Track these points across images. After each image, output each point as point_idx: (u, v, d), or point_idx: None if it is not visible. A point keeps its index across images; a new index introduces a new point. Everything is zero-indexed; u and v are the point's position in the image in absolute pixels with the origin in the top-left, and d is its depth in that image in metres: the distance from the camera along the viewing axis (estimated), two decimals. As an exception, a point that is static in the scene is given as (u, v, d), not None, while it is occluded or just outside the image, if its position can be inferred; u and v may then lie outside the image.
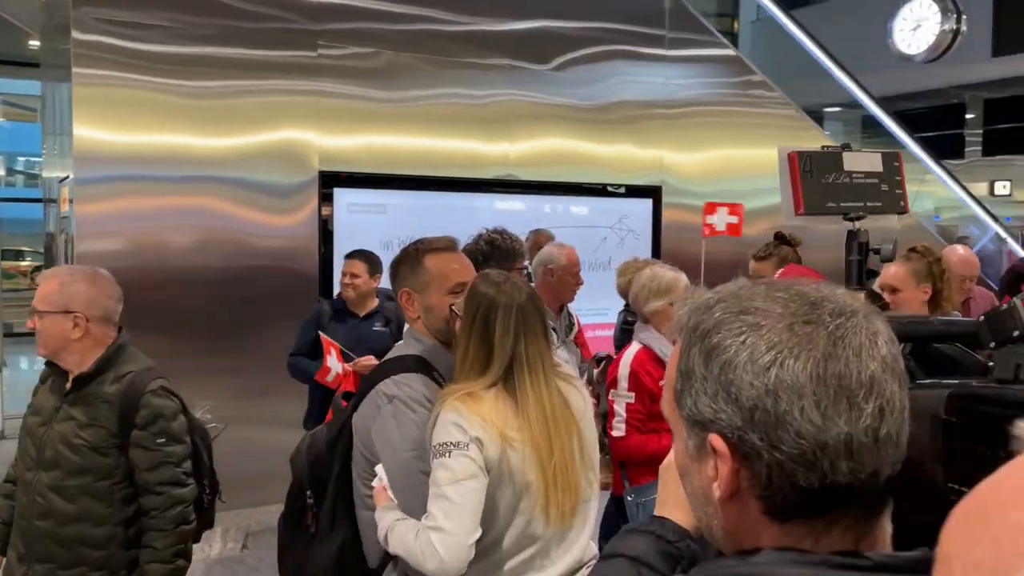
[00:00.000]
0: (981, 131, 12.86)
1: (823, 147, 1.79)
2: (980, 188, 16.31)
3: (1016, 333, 0.85)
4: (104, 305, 2.07)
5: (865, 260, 1.49)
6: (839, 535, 0.70)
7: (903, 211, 1.48)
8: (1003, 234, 8.54)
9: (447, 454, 1.65)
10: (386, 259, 4.97)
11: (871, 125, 14.12)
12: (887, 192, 1.65)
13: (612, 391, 3.04)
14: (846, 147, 1.73)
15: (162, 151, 4.49)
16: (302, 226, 4.89)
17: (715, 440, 0.70)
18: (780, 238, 4.25)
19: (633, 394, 2.96)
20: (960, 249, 4.21)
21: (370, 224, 5.08)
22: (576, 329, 3.75)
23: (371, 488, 1.81)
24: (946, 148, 11.77)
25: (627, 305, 4.12)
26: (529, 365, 1.77)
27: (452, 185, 5.32)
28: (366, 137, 5.09)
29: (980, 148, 12.96)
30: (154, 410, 2.01)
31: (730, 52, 6.49)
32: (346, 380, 3.74)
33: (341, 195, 5.00)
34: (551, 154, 5.64)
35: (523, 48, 5.51)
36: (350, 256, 4.00)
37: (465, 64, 5.34)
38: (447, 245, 1.99)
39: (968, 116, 13.36)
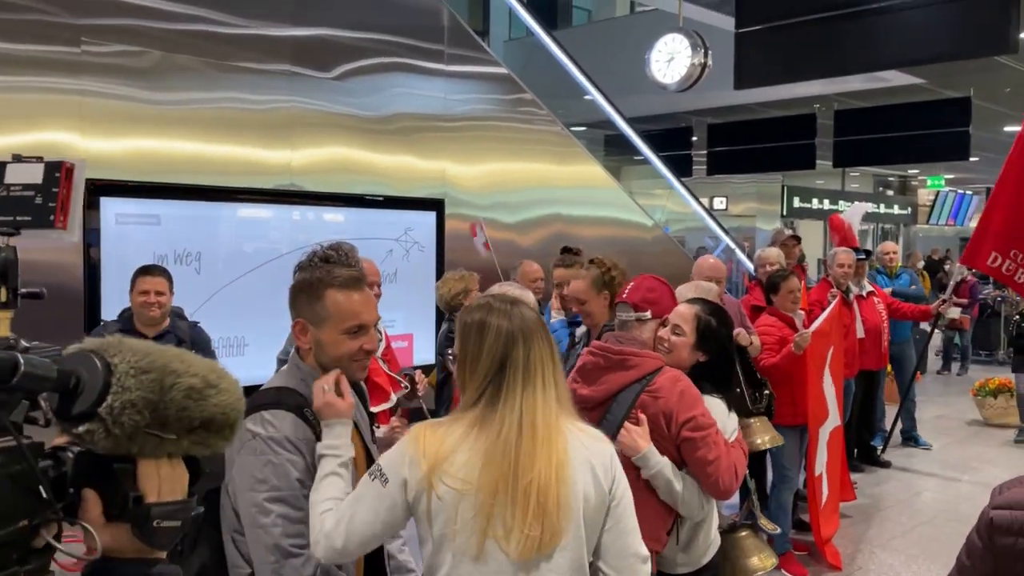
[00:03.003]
0: (705, 152, 14.29)
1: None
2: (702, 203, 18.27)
3: None
4: None
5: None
6: None
7: (53, 225, 1.44)
8: (732, 245, 9.66)
9: (370, 475, 1.67)
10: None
11: (613, 143, 15.28)
12: (40, 206, 1.58)
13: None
14: (16, 158, 1.63)
15: None
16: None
17: None
18: (568, 249, 4.59)
19: None
20: (711, 258, 4.74)
21: (141, 236, 4.70)
22: (384, 343, 3.74)
23: (237, 515, 1.76)
24: (677, 167, 13.02)
25: (451, 316, 4.24)
26: (526, 369, 1.65)
27: (232, 194, 5.06)
28: (136, 141, 4.71)
29: (705, 167, 14.42)
30: None
31: (503, 70, 6.76)
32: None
33: (108, 204, 4.58)
34: (335, 164, 5.55)
35: (305, 55, 5.39)
36: (150, 273, 3.69)
37: (244, 69, 5.11)
38: (352, 282, 1.89)
39: (694, 138, 14.85)
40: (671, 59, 6.02)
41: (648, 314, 2.55)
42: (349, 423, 1.81)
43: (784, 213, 20.30)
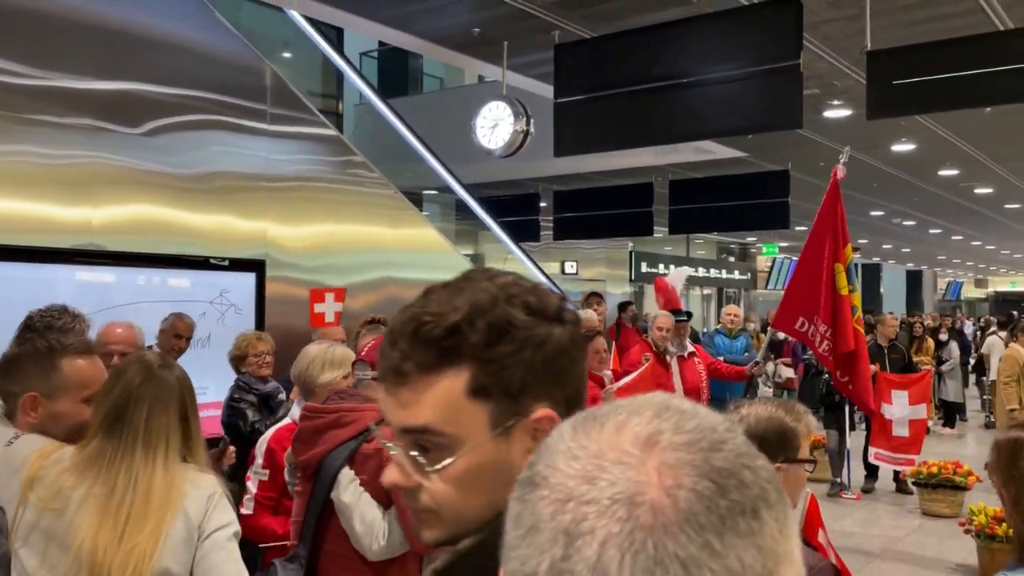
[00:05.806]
0: (552, 218, 14.66)
1: None
2: (553, 267, 18.67)
3: None
4: None
5: None
6: None
7: None
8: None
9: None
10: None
11: (464, 208, 15.45)
12: None
13: (250, 468, 2.93)
14: None
15: None
16: None
17: None
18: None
19: (267, 471, 2.85)
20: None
21: (-91, 298, 4.28)
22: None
23: None
24: (526, 232, 13.28)
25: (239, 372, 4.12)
26: (147, 434, 1.68)
27: (21, 254, 4.71)
28: (-94, 196, 4.33)
29: (552, 232, 14.76)
30: None
31: (331, 132, 6.70)
32: None
33: None
34: (143, 223, 5.28)
35: (110, 110, 5.14)
36: None
37: (40, 122, 4.82)
38: (86, 348, 1.90)
39: (542, 204, 15.23)
40: (495, 125, 6.14)
41: None
42: None
43: (632, 278, 21.05)
